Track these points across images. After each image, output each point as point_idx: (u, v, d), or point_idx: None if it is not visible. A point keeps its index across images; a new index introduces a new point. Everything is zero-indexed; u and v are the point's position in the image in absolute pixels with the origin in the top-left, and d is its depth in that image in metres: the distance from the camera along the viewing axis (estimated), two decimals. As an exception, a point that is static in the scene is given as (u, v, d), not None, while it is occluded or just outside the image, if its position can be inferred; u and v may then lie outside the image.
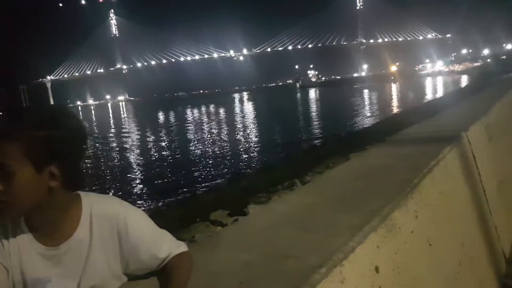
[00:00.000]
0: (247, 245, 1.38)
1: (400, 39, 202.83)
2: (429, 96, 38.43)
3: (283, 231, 1.47)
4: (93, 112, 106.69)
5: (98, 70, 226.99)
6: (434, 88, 55.19)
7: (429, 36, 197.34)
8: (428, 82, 75.81)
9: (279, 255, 1.26)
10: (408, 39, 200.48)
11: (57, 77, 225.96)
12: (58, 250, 1.10)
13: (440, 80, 77.09)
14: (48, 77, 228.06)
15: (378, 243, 1.40)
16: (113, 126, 43.71)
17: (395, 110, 29.23)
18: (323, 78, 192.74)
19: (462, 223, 2.36)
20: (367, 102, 44.39)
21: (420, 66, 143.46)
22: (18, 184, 0.98)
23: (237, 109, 54.44)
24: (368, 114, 29.29)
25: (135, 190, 12.47)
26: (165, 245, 1.22)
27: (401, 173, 2.12)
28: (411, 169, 2.15)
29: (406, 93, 50.91)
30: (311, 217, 1.59)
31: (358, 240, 1.31)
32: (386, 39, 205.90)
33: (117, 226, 1.15)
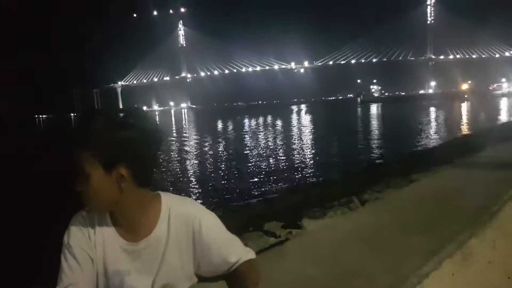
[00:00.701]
0: (313, 259, 1.38)
1: (473, 56, 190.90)
2: (503, 118, 35.62)
3: (349, 248, 1.44)
4: (157, 117, 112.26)
5: (164, 78, 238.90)
6: (510, 109, 51.10)
7: (507, 53, 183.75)
8: (503, 102, 70.36)
9: (347, 272, 1.24)
10: (483, 56, 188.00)
11: (126, 83, 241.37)
12: (138, 246, 1.16)
13: (516, 101, 71.21)
14: (119, 83, 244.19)
15: (454, 271, 1.33)
16: (174, 132, 45.61)
17: (464, 131, 27.44)
18: (386, 94, 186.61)
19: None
20: (433, 121, 42.07)
21: (495, 85, 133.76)
22: (92, 185, 1.08)
23: (295, 122, 54.29)
24: (434, 134, 27.74)
25: (189, 195, 12.85)
26: (235, 250, 1.25)
27: (476, 199, 2.00)
28: (488, 195, 2.02)
29: (477, 113, 47.64)
30: (379, 236, 1.55)
31: (433, 266, 1.25)
32: (458, 56, 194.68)
33: (192, 226, 1.19)
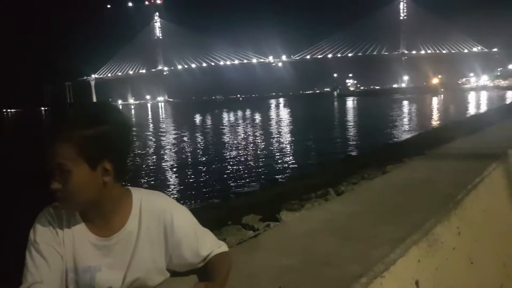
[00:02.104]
0: (286, 250, 1.41)
1: (443, 51, 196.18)
2: (472, 111, 36.87)
3: (323, 238, 1.48)
4: (133, 111, 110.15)
5: (140, 71, 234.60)
6: (477, 103, 52.86)
7: (475, 49, 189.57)
8: (472, 96, 72.72)
9: (319, 262, 1.28)
10: (452, 51, 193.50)
11: (101, 76, 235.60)
12: (109, 241, 1.16)
13: (484, 95, 73.71)
14: (93, 76, 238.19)
15: (420, 257, 1.39)
16: (151, 126, 44.97)
17: (435, 123, 28.26)
18: (362, 88, 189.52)
19: (506, 243, 2.27)
20: (406, 114, 43.12)
21: (464, 79, 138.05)
22: (75, 182, 1.05)
23: (273, 115, 54.47)
24: (407, 127, 28.47)
25: (167, 190, 12.74)
26: (207, 244, 1.26)
27: (443, 188, 2.07)
28: (454, 185, 2.10)
29: (447, 106, 49.13)
30: (351, 226, 1.60)
31: (400, 253, 1.30)
32: (429, 51, 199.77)
33: (164, 221, 1.20)
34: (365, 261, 1.23)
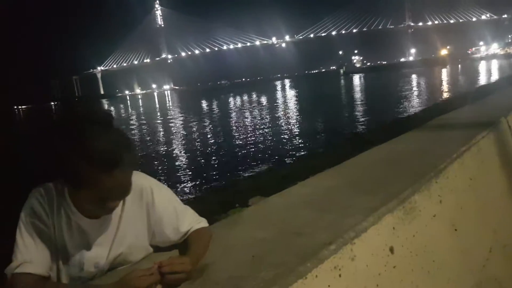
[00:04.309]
0: (263, 223, 1.46)
1: (451, 21, 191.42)
2: (482, 81, 36.17)
3: (300, 211, 1.52)
4: (140, 101, 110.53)
5: (145, 60, 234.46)
6: (488, 72, 51.82)
7: (483, 17, 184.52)
8: (482, 66, 71.25)
9: (293, 233, 1.32)
10: (460, 20, 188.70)
11: (106, 68, 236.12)
12: (98, 221, 1.22)
13: (495, 63, 72.13)
14: (99, 68, 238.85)
15: (394, 224, 1.42)
16: (158, 114, 45.16)
17: (443, 96, 27.85)
18: (368, 64, 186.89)
19: (495, 210, 2.28)
20: (413, 88, 42.48)
21: (473, 49, 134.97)
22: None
23: (279, 97, 54.19)
24: (415, 101, 28.12)
25: (176, 174, 12.90)
26: (187, 220, 1.32)
27: (430, 159, 2.09)
28: (440, 155, 2.11)
29: (457, 78, 48.29)
30: (329, 199, 1.63)
31: (372, 221, 1.34)
32: (436, 22, 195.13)
33: (145, 199, 1.27)
34: (336, 230, 1.27)
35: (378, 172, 2.01)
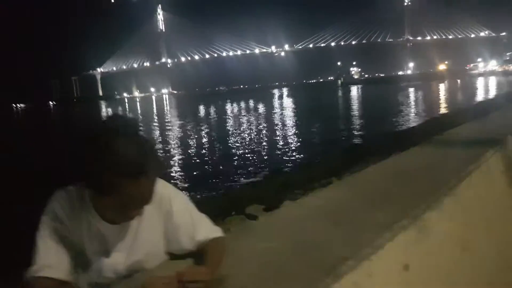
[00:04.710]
0: (276, 234, 1.45)
1: (450, 37, 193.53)
2: (479, 97, 36.46)
3: (313, 223, 1.52)
4: (138, 104, 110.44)
5: (144, 64, 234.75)
6: (485, 88, 52.22)
7: (482, 34, 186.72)
8: (480, 82, 71.85)
9: (307, 245, 1.31)
10: (459, 36, 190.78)
11: (106, 70, 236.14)
12: (117, 227, 1.21)
13: (493, 80, 72.78)
14: (98, 69, 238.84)
15: (408, 242, 1.41)
16: (156, 118, 45.09)
17: (442, 110, 28.03)
18: (366, 76, 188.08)
19: (502, 228, 2.28)
20: (411, 101, 42.76)
21: (471, 65, 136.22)
22: None
23: (277, 105, 54.34)
24: (412, 114, 28.28)
25: (172, 181, 12.85)
26: (203, 229, 1.31)
27: (439, 176, 2.09)
28: (449, 172, 2.11)
29: (454, 93, 48.70)
30: (342, 212, 1.63)
31: (388, 237, 1.33)
32: (434, 37, 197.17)
33: (164, 206, 1.26)
34: (353, 245, 1.26)
35: (388, 186, 2.01)
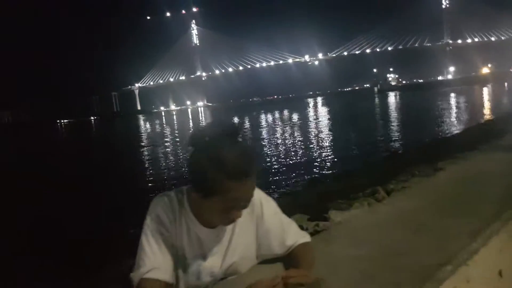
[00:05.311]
0: (358, 242, 1.43)
1: (492, 39, 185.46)
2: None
3: (392, 230, 1.49)
4: (175, 117, 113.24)
5: (180, 78, 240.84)
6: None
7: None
8: (526, 85, 68.19)
9: (394, 252, 1.29)
10: (502, 38, 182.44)
11: (144, 85, 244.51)
12: (214, 231, 1.24)
13: (540, 82, 68.82)
14: (136, 85, 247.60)
15: (501, 247, 1.36)
16: (191, 130, 45.94)
17: (487, 116, 26.77)
18: (404, 82, 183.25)
19: None
20: (453, 107, 41.15)
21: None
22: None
23: (312, 114, 53.97)
24: (455, 121, 27.18)
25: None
26: (292, 234, 1.32)
27: (508, 181, 2.01)
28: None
29: (499, 97, 46.38)
30: (419, 219, 1.59)
31: (481, 242, 1.29)
32: (476, 39, 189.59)
33: (255, 210, 1.28)
34: (444, 251, 1.23)
35: (458, 193, 1.94)
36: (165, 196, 1.24)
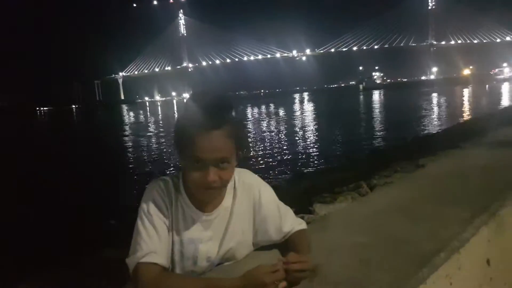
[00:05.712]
0: (358, 228, 1.46)
1: (475, 41, 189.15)
2: (505, 102, 35.47)
3: (391, 219, 1.53)
4: (159, 108, 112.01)
5: (166, 68, 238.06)
6: (511, 94, 50.79)
7: (508, 38, 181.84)
8: (505, 87, 69.88)
9: (393, 239, 1.33)
10: (484, 41, 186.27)
11: (128, 73, 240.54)
12: (210, 216, 1.25)
13: (520, 85, 70.68)
14: (120, 73, 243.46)
15: (489, 237, 1.41)
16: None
17: (467, 116, 27.37)
18: (388, 81, 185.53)
19: None
20: (435, 106, 41.93)
21: (497, 70, 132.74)
22: (230, 173, 1.16)
23: (298, 110, 54.15)
24: (436, 120, 27.73)
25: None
26: (289, 220, 1.34)
27: (493, 175, 2.08)
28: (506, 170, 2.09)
29: (479, 98, 47.44)
30: (415, 208, 1.63)
31: (472, 232, 1.34)
32: (459, 41, 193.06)
33: (253, 197, 1.30)
34: (439, 239, 1.27)
35: (451, 185, 2.00)
36: (160, 180, 1.24)
